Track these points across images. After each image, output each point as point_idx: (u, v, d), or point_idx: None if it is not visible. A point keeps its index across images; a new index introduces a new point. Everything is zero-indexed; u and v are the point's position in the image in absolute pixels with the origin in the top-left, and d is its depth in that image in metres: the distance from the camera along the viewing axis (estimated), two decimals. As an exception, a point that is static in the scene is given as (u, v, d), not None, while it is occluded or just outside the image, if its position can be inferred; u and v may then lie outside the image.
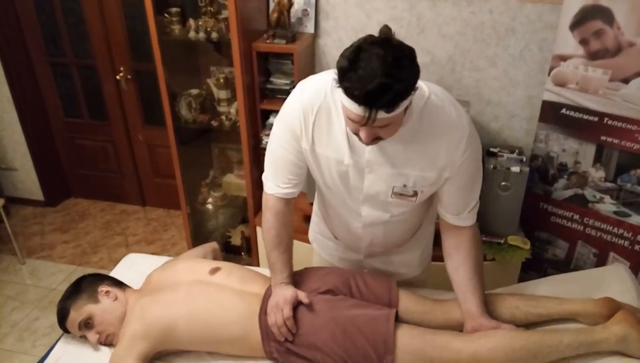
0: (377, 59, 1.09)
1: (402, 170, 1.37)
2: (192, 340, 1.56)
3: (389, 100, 1.12)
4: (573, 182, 2.35)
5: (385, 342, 1.41)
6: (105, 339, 1.66)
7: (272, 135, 1.47)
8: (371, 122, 1.16)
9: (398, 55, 1.12)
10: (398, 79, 1.11)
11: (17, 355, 2.62)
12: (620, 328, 1.38)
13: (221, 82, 2.66)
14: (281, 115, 1.44)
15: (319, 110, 1.36)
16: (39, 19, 3.35)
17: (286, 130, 1.41)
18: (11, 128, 3.60)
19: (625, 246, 2.28)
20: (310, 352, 1.46)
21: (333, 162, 1.41)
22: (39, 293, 3.03)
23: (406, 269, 1.73)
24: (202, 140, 3.02)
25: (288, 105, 1.42)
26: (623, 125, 2.14)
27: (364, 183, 1.41)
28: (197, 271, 1.68)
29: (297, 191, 1.52)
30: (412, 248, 1.71)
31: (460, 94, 2.61)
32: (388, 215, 1.49)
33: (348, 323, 1.45)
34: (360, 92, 1.11)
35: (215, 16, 2.51)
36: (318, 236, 1.82)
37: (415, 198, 1.42)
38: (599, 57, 2.12)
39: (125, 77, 3.32)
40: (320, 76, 1.42)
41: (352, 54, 1.12)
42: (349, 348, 1.42)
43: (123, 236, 3.54)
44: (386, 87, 1.09)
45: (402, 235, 1.63)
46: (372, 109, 1.12)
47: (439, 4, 2.46)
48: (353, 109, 1.15)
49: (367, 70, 1.09)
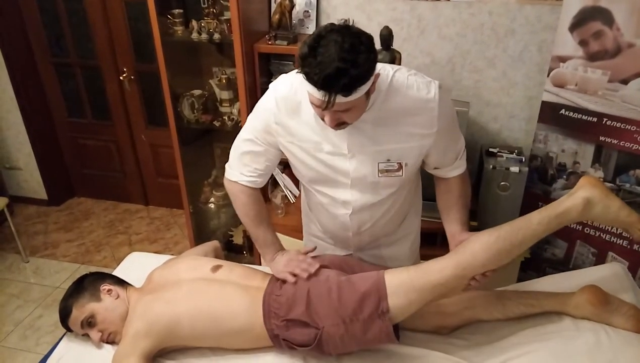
0: (335, 45, 1.15)
1: (383, 146, 1.42)
2: (196, 336, 1.57)
3: (346, 84, 1.17)
4: (572, 182, 2.36)
5: (379, 288, 1.44)
6: (108, 337, 1.67)
7: (245, 130, 1.55)
8: (330, 106, 1.21)
9: (355, 41, 1.16)
10: (354, 64, 1.15)
11: (20, 353, 2.64)
12: (583, 191, 1.42)
13: (223, 83, 2.68)
14: (256, 113, 1.51)
15: (292, 104, 1.42)
16: (43, 20, 3.37)
17: (261, 126, 1.49)
18: (15, 128, 3.63)
19: (624, 246, 2.30)
20: (309, 316, 1.48)
21: (313, 151, 1.45)
22: (42, 292, 3.05)
23: (396, 263, 1.76)
24: (204, 140, 3.04)
25: (262, 103, 1.48)
26: (622, 125, 2.15)
27: (350, 167, 1.46)
28: (199, 269, 1.70)
29: (261, 181, 1.61)
30: (401, 241, 1.76)
31: (460, 95, 2.63)
32: (377, 197, 1.53)
33: (343, 280, 1.51)
34: (318, 77, 1.16)
35: (217, 17, 2.53)
36: (309, 236, 1.86)
37: (401, 171, 1.47)
38: (598, 58, 2.13)
39: (128, 77, 3.35)
40: (290, 74, 1.48)
41: (312, 41, 1.17)
42: (345, 303, 1.45)
43: (126, 235, 3.56)
44: (343, 72, 1.15)
45: (389, 221, 1.66)
46: (330, 93, 1.18)
47: (439, 5, 2.48)
48: (314, 94, 1.21)
49: (325, 55, 1.15)
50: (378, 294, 1.44)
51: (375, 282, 1.46)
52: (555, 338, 1.54)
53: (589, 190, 1.41)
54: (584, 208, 1.40)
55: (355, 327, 1.44)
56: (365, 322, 1.44)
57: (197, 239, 3.00)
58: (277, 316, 1.51)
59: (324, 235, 1.77)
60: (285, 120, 1.44)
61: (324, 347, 1.49)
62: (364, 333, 1.45)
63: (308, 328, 1.48)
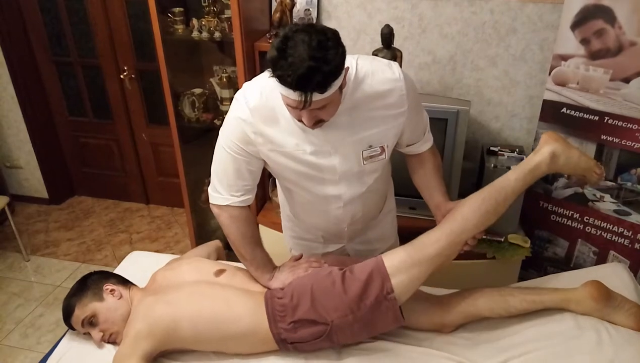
0: (303, 44, 1.15)
1: (361, 134, 1.45)
2: (198, 339, 1.56)
3: (320, 81, 1.18)
4: (573, 181, 2.36)
5: (380, 271, 1.48)
6: (109, 337, 1.67)
7: (220, 147, 1.51)
8: (308, 105, 1.22)
9: (322, 38, 1.18)
10: (325, 60, 1.17)
11: (21, 352, 2.64)
12: (548, 146, 1.54)
13: (224, 82, 2.68)
14: (229, 128, 1.47)
15: (266, 112, 1.41)
16: (44, 18, 3.37)
17: (236, 138, 1.45)
18: (16, 126, 3.63)
19: (625, 245, 2.29)
20: (316, 312, 1.48)
21: (297, 154, 1.45)
22: (43, 290, 3.05)
23: (382, 243, 1.83)
24: (205, 139, 3.03)
25: (235, 115, 1.44)
26: (623, 124, 2.15)
27: (335, 162, 1.47)
28: (202, 272, 1.70)
29: (251, 196, 1.57)
30: (383, 220, 1.82)
31: (461, 94, 2.63)
32: (365, 185, 1.57)
33: (344, 271, 1.53)
34: (292, 78, 1.17)
35: (218, 16, 2.53)
36: (296, 240, 1.86)
37: (384, 154, 1.51)
38: (600, 56, 2.13)
39: (129, 76, 3.34)
40: (255, 81, 1.47)
41: (280, 43, 1.18)
42: (350, 292, 1.47)
43: (127, 234, 3.56)
44: (315, 70, 1.16)
45: (376, 204, 1.73)
46: (306, 92, 1.19)
47: (440, 4, 2.48)
48: (289, 95, 1.22)
49: (296, 56, 1.15)
50: (380, 276, 1.48)
51: (375, 266, 1.50)
52: (557, 337, 1.54)
53: (552, 145, 1.54)
54: (551, 161, 1.53)
55: (364, 313, 1.47)
56: (372, 307, 1.47)
57: (198, 238, 3.00)
58: (283, 319, 1.51)
59: (312, 235, 1.78)
60: (262, 128, 1.43)
61: (333, 338, 1.50)
62: (372, 318, 1.48)
63: (317, 325, 1.49)
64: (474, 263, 2.35)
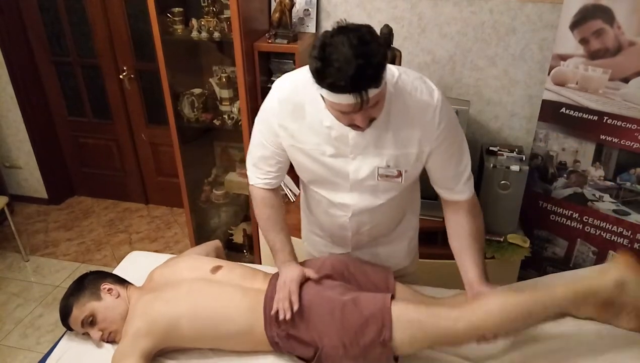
0: (344, 46, 1.14)
1: (383, 150, 1.42)
2: (196, 336, 1.57)
3: (372, 75, 1.17)
4: (572, 180, 2.36)
5: (383, 317, 1.42)
6: (108, 337, 1.67)
7: (254, 131, 1.55)
8: (366, 103, 1.19)
9: (359, 34, 1.16)
10: (370, 54, 1.15)
11: (21, 352, 2.64)
12: (615, 273, 1.35)
13: (223, 82, 2.68)
14: (260, 115, 1.51)
15: (294, 104, 1.40)
16: (43, 18, 3.37)
17: (265, 127, 1.49)
18: (15, 126, 3.63)
19: (625, 244, 2.29)
20: (309, 334, 1.47)
21: (315, 153, 1.44)
22: (42, 291, 3.05)
23: (393, 261, 1.76)
24: (204, 139, 3.04)
25: (266, 104, 1.48)
26: (623, 124, 2.15)
27: (350, 169, 1.45)
28: (199, 269, 1.70)
29: (277, 182, 1.61)
30: (398, 240, 1.74)
31: (460, 93, 2.63)
32: (377, 201, 1.52)
33: (347, 301, 1.47)
34: (345, 82, 1.14)
35: (217, 16, 2.53)
36: (308, 234, 1.85)
37: (400, 178, 1.46)
38: (599, 56, 2.13)
39: (128, 76, 3.34)
40: (293, 73, 1.46)
41: (320, 52, 1.16)
42: (347, 326, 1.43)
43: (126, 234, 3.56)
44: (364, 66, 1.14)
45: (388, 223, 1.66)
46: (361, 91, 1.17)
47: (439, 3, 2.48)
48: (344, 100, 1.19)
49: (341, 60, 1.14)
50: (382, 321, 1.41)
51: (382, 307, 1.43)
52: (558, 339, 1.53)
53: (622, 272, 1.34)
54: (615, 290, 1.34)
55: (355, 350, 1.43)
56: (365, 347, 1.42)
57: (198, 238, 3.00)
58: (279, 325, 1.50)
59: (322, 233, 1.76)
60: (287, 122, 1.43)
61: (323, 361, 1.48)
62: (363, 357, 1.44)
63: (308, 347, 1.48)
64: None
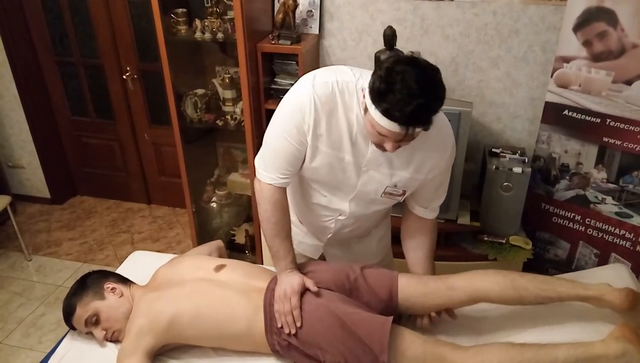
0: (411, 80, 1.15)
1: (396, 171, 1.45)
2: (198, 335, 1.58)
3: (427, 118, 1.19)
4: (575, 183, 2.36)
5: (381, 342, 1.40)
6: (112, 335, 1.67)
7: (276, 125, 1.44)
8: (408, 137, 1.23)
9: (429, 74, 1.17)
10: (434, 97, 1.17)
11: (23, 351, 2.64)
12: (619, 344, 1.36)
13: (226, 82, 2.69)
14: (289, 106, 1.41)
15: (328, 106, 1.38)
16: (47, 18, 3.38)
17: (293, 123, 1.39)
18: (18, 126, 3.64)
19: (627, 247, 2.29)
20: (310, 348, 1.48)
21: (332, 158, 1.44)
22: (45, 290, 3.06)
23: (364, 257, 1.79)
24: (207, 140, 3.05)
25: (297, 99, 1.38)
26: (625, 126, 2.14)
27: (359, 181, 1.48)
28: (203, 268, 1.70)
29: (290, 180, 1.54)
30: (370, 238, 1.81)
31: (463, 95, 2.63)
32: (369, 211, 1.58)
33: (346, 318, 1.45)
34: (401, 114, 1.16)
35: (221, 17, 2.54)
36: None
37: (402, 197, 1.53)
38: (602, 58, 2.13)
39: (131, 76, 3.35)
40: (328, 72, 1.41)
41: (386, 75, 1.17)
42: (347, 342, 1.43)
43: (129, 234, 3.57)
44: (425, 107, 1.16)
45: (369, 226, 1.73)
46: (410, 126, 1.19)
47: (442, 5, 2.48)
48: (390, 127, 1.20)
49: (404, 92, 1.14)
50: (380, 346, 1.40)
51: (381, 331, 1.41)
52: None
53: (625, 345, 1.35)
54: (615, 359, 1.33)
55: None
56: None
57: (200, 238, 3.01)
58: (280, 334, 1.51)
59: (301, 223, 1.78)
60: (318, 123, 1.38)
61: None
62: None
63: (309, 359, 1.49)
64: (476, 265, 2.34)
